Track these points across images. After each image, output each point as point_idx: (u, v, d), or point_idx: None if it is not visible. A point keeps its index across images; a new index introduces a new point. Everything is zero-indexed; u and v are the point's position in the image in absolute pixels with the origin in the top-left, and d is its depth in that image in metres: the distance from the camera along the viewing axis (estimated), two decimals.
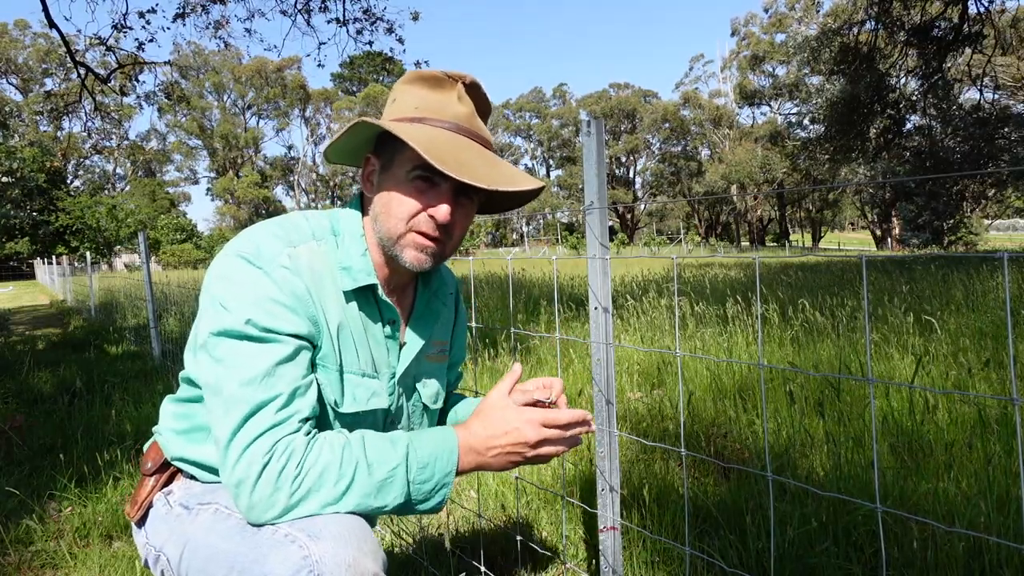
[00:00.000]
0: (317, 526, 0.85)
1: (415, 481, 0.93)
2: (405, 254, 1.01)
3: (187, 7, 10.67)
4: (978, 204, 24.98)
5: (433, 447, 0.96)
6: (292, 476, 0.86)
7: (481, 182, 0.93)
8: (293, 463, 0.87)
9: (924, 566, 1.72)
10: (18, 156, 38.67)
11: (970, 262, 9.86)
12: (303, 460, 0.88)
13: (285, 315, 0.93)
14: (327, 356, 1.00)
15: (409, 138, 0.92)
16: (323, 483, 0.88)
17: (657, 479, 2.40)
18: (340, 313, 1.02)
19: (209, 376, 0.93)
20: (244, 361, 0.90)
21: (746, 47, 49.32)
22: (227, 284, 0.95)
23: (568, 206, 58.78)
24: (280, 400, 0.90)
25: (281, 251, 0.97)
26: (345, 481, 0.88)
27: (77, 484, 2.71)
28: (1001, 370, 3.38)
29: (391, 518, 2.28)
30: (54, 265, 22.71)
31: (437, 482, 0.95)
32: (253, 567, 0.85)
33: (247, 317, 0.91)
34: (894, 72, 18.10)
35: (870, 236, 41.05)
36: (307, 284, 0.97)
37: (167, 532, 1.03)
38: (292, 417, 0.90)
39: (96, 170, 58.83)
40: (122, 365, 5.61)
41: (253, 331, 0.91)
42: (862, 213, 37.95)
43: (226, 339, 0.92)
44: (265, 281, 0.94)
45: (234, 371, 0.90)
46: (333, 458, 0.89)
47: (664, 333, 5.02)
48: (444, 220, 0.98)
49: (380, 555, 0.88)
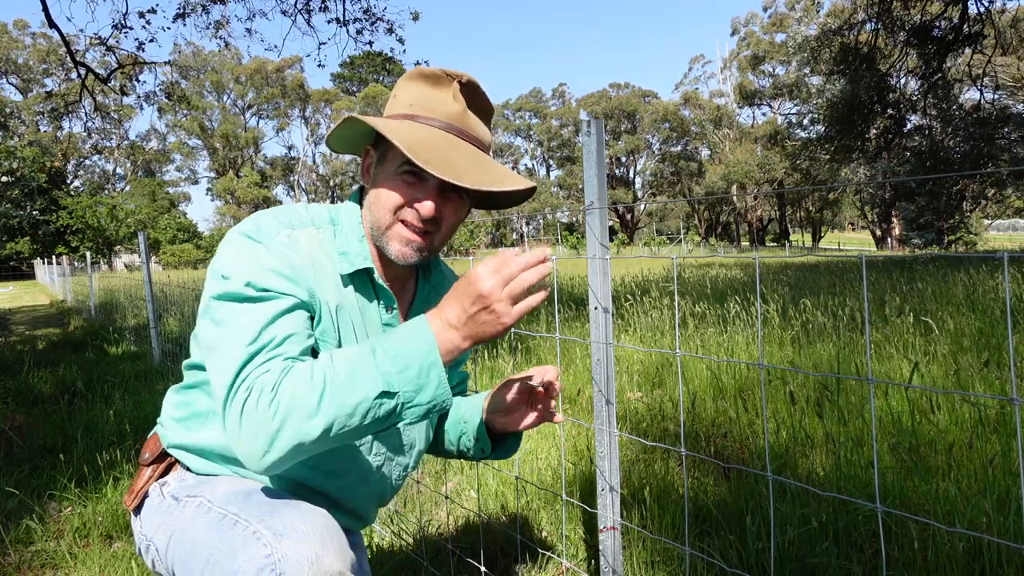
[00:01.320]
0: (284, 524, 0.86)
1: (393, 371, 0.87)
2: (391, 246, 1.03)
3: (187, 7, 10.68)
4: (978, 204, 24.97)
5: (399, 336, 0.91)
6: (267, 403, 0.84)
7: (466, 182, 0.95)
8: (267, 392, 0.85)
9: (924, 566, 1.72)
10: (18, 156, 38.67)
11: (970, 262, 9.86)
12: (276, 386, 0.86)
13: (283, 282, 0.96)
14: (326, 331, 1.01)
15: (395, 136, 0.95)
16: (297, 401, 0.84)
17: (657, 479, 2.40)
18: (338, 296, 1.04)
19: (211, 338, 0.94)
20: (244, 320, 0.92)
21: (746, 47, 49.29)
22: (228, 257, 0.98)
23: (568, 206, 58.75)
24: (271, 345, 0.90)
25: (280, 231, 1.00)
26: (317, 390, 0.85)
27: (77, 484, 2.71)
28: (1001, 371, 3.38)
29: (391, 518, 2.28)
30: (54, 265, 22.71)
31: (420, 365, 0.88)
32: (225, 562, 0.86)
33: (246, 280, 0.94)
34: (894, 72, 18.11)
35: (870, 236, 41.06)
36: (304, 261, 0.99)
37: (158, 522, 1.05)
38: (275, 357, 0.89)
39: (96, 170, 58.83)
40: (122, 365, 5.61)
41: (252, 292, 0.93)
42: (862, 213, 37.92)
43: (226, 302, 0.94)
44: (264, 253, 0.97)
45: (234, 330, 0.91)
46: (303, 376, 0.86)
47: (664, 333, 5.02)
48: (428, 215, 1.01)
49: (347, 554, 0.88)
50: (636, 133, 56.89)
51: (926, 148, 19.10)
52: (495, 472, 2.53)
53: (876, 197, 27.52)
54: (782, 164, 39.67)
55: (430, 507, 2.43)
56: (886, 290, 6.64)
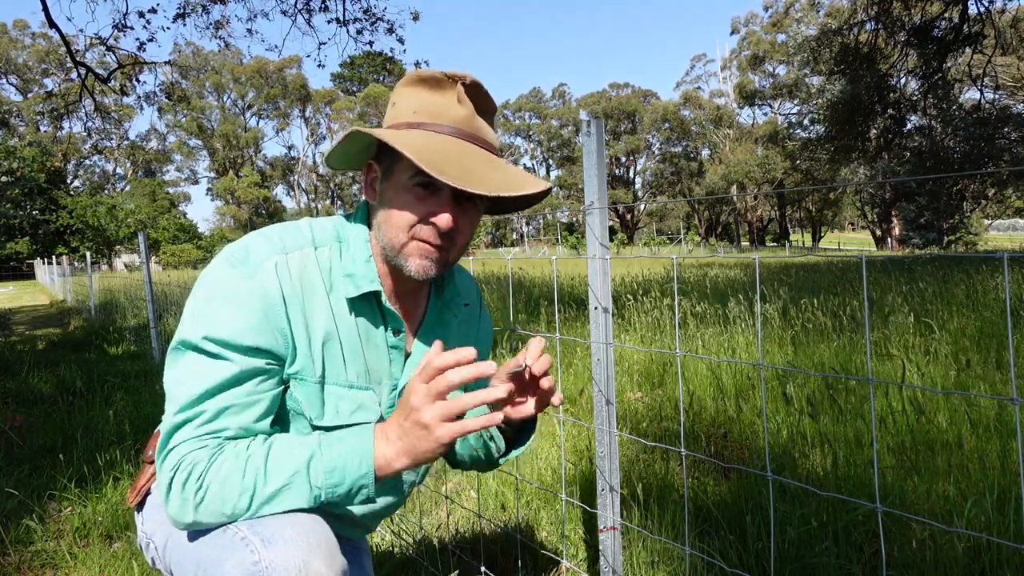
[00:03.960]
0: (272, 529, 0.86)
1: (323, 487, 0.89)
2: (409, 263, 0.98)
3: (187, 7, 10.68)
4: (978, 204, 24.98)
5: (341, 448, 0.91)
6: (195, 489, 0.88)
7: (484, 189, 0.90)
8: (195, 475, 0.88)
9: (924, 566, 1.72)
10: (18, 156, 38.68)
11: (970, 262, 9.86)
12: (205, 472, 0.88)
13: (247, 326, 0.92)
14: (304, 370, 0.98)
15: (405, 147, 0.89)
16: (223, 495, 0.88)
17: (657, 479, 2.40)
18: (330, 323, 0.99)
19: (167, 384, 0.95)
20: (190, 376, 0.92)
21: (747, 47, 49.27)
22: (202, 289, 0.96)
23: (568, 206, 58.73)
24: (202, 418, 0.90)
25: (269, 256, 0.97)
26: (247, 494, 0.88)
27: (77, 484, 2.71)
28: (1002, 371, 3.38)
29: (391, 519, 2.28)
30: (54, 265, 22.71)
31: (352, 485, 0.90)
32: (213, 568, 0.87)
33: (205, 332, 0.92)
34: (894, 72, 18.11)
35: (870, 236, 41.04)
36: (287, 292, 0.96)
37: (158, 521, 1.05)
38: (208, 435, 0.90)
39: (96, 170, 58.84)
40: (122, 365, 5.61)
41: (209, 346, 0.91)
42: (862, 213, 37.93)
43: (184, 350, 0.93)
44: (240, 286, 0.94)
45: (180, 386, 0.92)
46: (235, 471, 0.88)
47: (664, 333, 5.02)
48: (446, 227, 0.95)
49: (337, 560, 0.87)
50: (636, 133, 56.89)
51: (926, 148, 19.10)
52: (495, 472, 2.53)
53: (876, 197, 27.55)
54: (782, 164, 39.68)
55: (430, 507, 2.43)
56: (887, 290, 6.64)
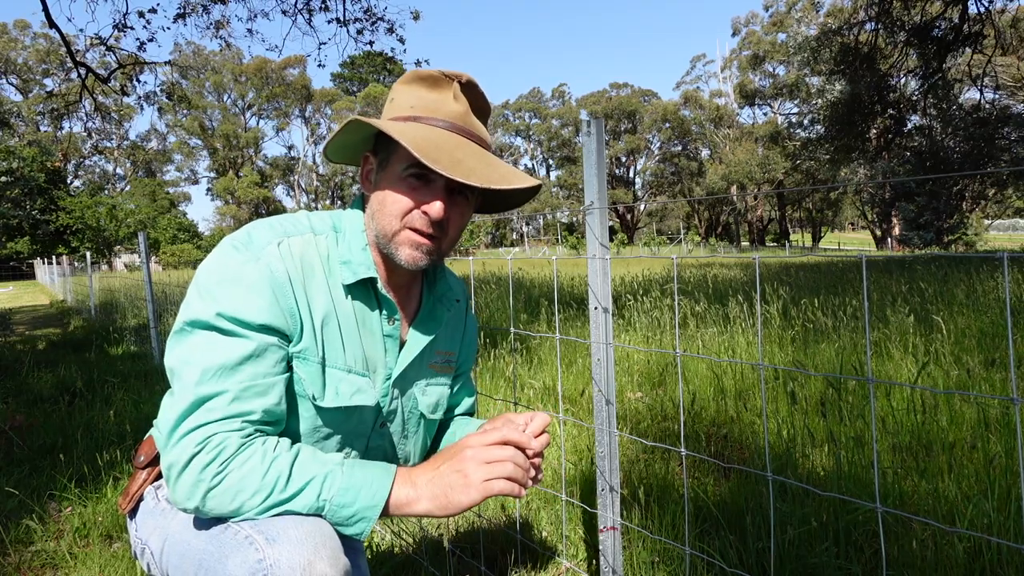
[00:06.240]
0: (277, 529, 0.86)
1: (334, 501, 0.90)
2: (400, 252, 1.01)
3: (187, 7, 10.68)
4: (978, 204, 24.99)
5: (366, 475, 0.93)
6: (214, 472, 0.87)
7: (475, 180, 0.93)
8: (219, 460, 0.88)
9: (924, 566, 1.72)
10: (18, 156, 38.69)
11: (970, 262, 9.86)
12: (230, 459, 0.88)
13: (259, 306, 0.94)
14: (307, 349, 1.00)
15: (402, 137, 0.92)
16: (242, 488, 0.88)
17: (657, 479, 2.40)
18: (328, 306, 1.02)
19: (174, 362, 0.94)
20: (206, 354, 0.92)
21: (747, 47, 49.29)
22: (210, 271, 0.96)
23: (568, 206, 58.72)
24: (227, 396, 0.90)
25: (272, 240, 0.99)
26: (264, 493, 0.88)
27: (77, 484, 2.71)
28: (1003, 371, 3.38)
29: (392, 519, 2.28)
30: (54, 265, 22.73)
31: (358, 510, 0.91)
32: (216, 567, 0.87)
33: (218, 309, 0.92)
34: (894, 72, 18.11)
35: (870, 236, 41.05)
36: (292, 272, 0.98)
37: (153, 526, 1.05)
38: (236, 416, 0.90)
39: (96, 170, 58.84)
40: (122, 365, 5.61)
41: (222, 323, 0.92)
42: (862, 213, 37.90)
43: (196, 329, 0.93)
44: (247, 268, 0.95)
45: (195, 362, 0.91)
46: (260, 466, 0.89)
47: (665, 333, 5.02)
48: (438, 216, 0.98)
49: (341, 560, 0.87)
50: (636, 133, 56.88)
51: (926, 148, 19.12)
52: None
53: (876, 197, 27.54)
54: (782, 164, 39.68)
55: None
56: (887, 290, 6.64)
